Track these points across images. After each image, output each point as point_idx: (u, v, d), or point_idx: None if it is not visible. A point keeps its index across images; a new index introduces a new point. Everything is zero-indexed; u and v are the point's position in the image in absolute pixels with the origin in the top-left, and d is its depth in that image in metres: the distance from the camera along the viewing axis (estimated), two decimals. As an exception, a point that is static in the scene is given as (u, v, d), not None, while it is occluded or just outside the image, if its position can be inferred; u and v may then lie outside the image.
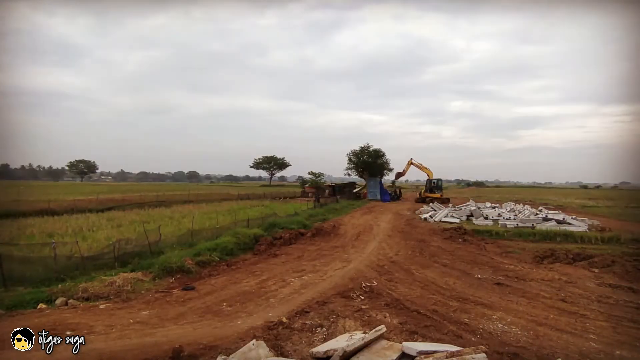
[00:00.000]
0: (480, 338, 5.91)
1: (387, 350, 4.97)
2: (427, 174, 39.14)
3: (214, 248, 11.70)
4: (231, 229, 14.41)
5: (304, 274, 9.79)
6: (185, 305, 7.42)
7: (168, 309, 7.16)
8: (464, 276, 9.96)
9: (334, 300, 7.64)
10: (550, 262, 11.85)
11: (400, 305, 7.44)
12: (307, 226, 17.56)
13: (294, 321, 6.44)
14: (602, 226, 18.11)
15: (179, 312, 6.96)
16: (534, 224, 18.02)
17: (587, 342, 5.82)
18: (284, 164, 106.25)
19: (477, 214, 22.35)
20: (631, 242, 14.36)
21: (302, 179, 59.54)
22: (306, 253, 12.66)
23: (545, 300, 7.96)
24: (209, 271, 10.14)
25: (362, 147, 47.47)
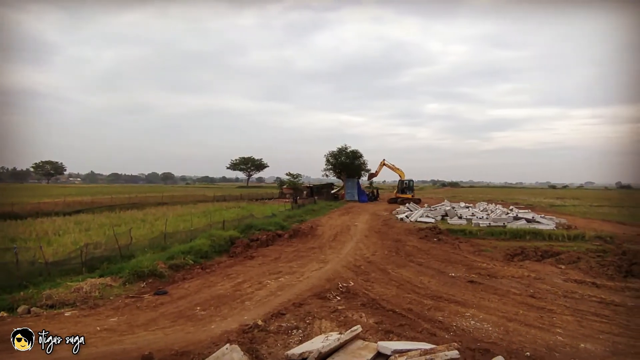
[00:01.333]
0: (454, 335, 6.02)
1: (362, 350, 4.97)
2: (399, 175, 39.67)
3: (188, 251, 11.41)
4: (206, 231, 14.12)
5: (281, 276, 9.70)
6: (156, 311, 7.19)
7: (138, 315, 6.92)
8: (439, 275, 10.14)
9: (311, 302, 7.60)
10: (520, 259, 12.25)
11: (376, 305, 7.48)
12: (285, 227, 17.44)
13: (269, 324, 6.36)
14: (568, 224, 18.86)
15: (150, 318, 6.74)
16: (505, 223, 18.56)
17: (554, 336, 6.04)
18: (262, 165, 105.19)
19: (452, 213, 22.84)
20: (595, 239, 15.04)
21: (280, 180, 59.18)
22: (283, 254, 12.56)
23: (515, 297, 8.21)
24: (182, 275, 9.88)
25: (340, 148, 47.69)
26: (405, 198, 36.14)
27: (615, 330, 6.34)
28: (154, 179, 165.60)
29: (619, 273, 10.35)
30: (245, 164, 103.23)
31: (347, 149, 47.37)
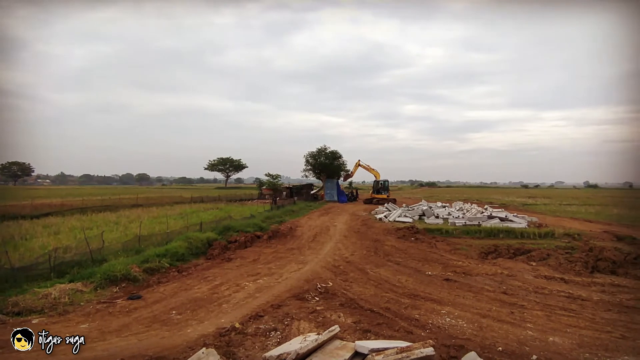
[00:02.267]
0: (430, 332, 6.13)
1: (340, 350, 4.99)
2: (374, 175, 40.01)
3: (164, 254, 11.13)
4: (183, 233, 13.83)
5: (259, 278, 9.62)
6: (130, 316, 6.99)
7: (111, 321, 6.70)
8: (416, 273, 10.30)
9: (289, 303, 7.57)
10: (494, 257, 12.61)
11: (354, 305, 7.53)
12: (264, 229, 17.29)
13: (247, 326, 6.29)
14: (539, 223, 19.55)
15: (123, 324, 6.54)
16: (480, 222, 19.05)
17: (525, 331, 6.25)
18: (240, 166, 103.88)
19: (429, 213, 23.27)
20: (564, 236, 15.64)
21: (259, 180, 58.56)
22: (262, 256, 12.45)
23: (488, 294, 8.45)
24: (157, 278, 9.64)
25: (319, 149, 47.70)
26: (381, 198, 36.51)
27: (581, 324, 6.63)
28: (128, 180, 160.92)
29: (586, 269, 10.82)
30: (223, 164, 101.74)
31: (327, 149, 47.47)
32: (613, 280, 9.87)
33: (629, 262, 11.22)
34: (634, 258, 11.50)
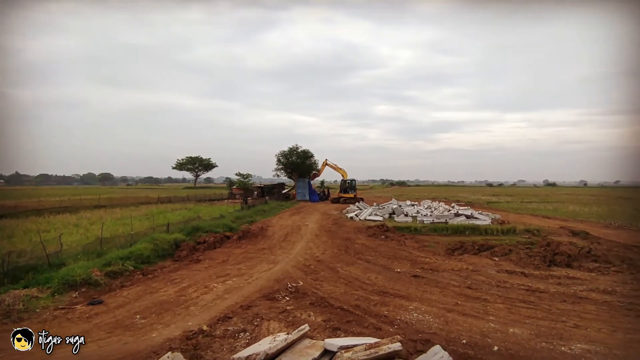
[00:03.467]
0: (398, 328, 6.25)
1: (309, 349, 4.98)
2: (341, 175, 40.16)
3: (128, 256, 10.71)
4: (149, 234, 13.35)
5: (229, 279, 9.45)
6: (90, 322, 6.68)
7: (69, 328, 6.37)
8: (385, 271, 10.48)
9: (259, 304, 7.49)
10: (459, 253, 13.04)
11: (325, 303, 7.55)
12: (234, 229, 17.02)
13: (215, 328, 6.16)
14: (502, 220, 20.41)
15: (83, 330, 6.21)
16: (447, 220, 19.65)
17: (487, 323, 6.51)
18: (210, 165, 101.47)
19: (399, 211, 23.75)
20: (524, 232, 16.41)
21: (229, 180, 57.57)
22: (232, 257, 12.24)
23: (454, 289, 8.72)
24: (120, 282, 9.26)
25: (290, 148, 47.50)
26: (348, 197, 36.73)
27: (539, 315, 6.98)
28: (90, 180, 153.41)
29: (544, 263, 11.40)
30: (192, 163, 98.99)
31: (298, 148, 47.37)
32: (568, 272, 10.45)
33: (582, 256, 11.94)
34: (587, 252, 12.26)
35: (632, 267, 10.86)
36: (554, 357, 5.22)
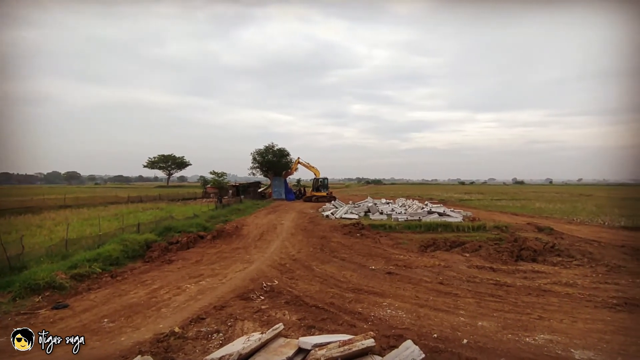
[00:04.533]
0: (372, 325, 6.33)
1: (284, 347, 4.97)
2: (314, 173, 40.19)
3: (95, 258, 10.31)
4: (118, 235, 12.91)
5: (202, 279, 9.28)
6: (54, 327, 6.37)
7: (31, 334, 6.05)
8: (360, 268, 10.59)
9: (233, 304, 7.40)
10: (432, 250, 13.36)
11: (300, 302, 7.55)
12: (208, 228, 16.73)
13: (188, 330, 6.04)
14: (473, 216, 21.09)
15: (46, 336, 5.93)
16: (421, 217, 20.08)
17: (458, 317, 6.70)
18: (183, 163, 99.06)
19: (374, 209, 24.06)
20: (494, 229, 17.01)
21: (203, 178, 56.45)
22: (205, 257, 12.02)
23: (427, 285, 8.93)
24: (87, 285, 8.90)
25: (266, 147, 47.09)
26: (320, 196, 36.79)
27: (506, 308, 7.25)
28: (55, 179, 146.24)
29: (511, 258, 11.86)
30: (164, 162, 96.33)
31: (274, 147, 47.04)
32: (533, 267, 10.92)
33: (546, 250, 12.51)
34: (551, 246, 12.86)
35: (592, 260, 11.47)
36: (519, 348, 5.44)
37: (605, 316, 6.86)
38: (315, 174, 39.82)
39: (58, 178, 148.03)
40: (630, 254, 12.24)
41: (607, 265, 10.85)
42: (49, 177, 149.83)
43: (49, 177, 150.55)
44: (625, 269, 10.54)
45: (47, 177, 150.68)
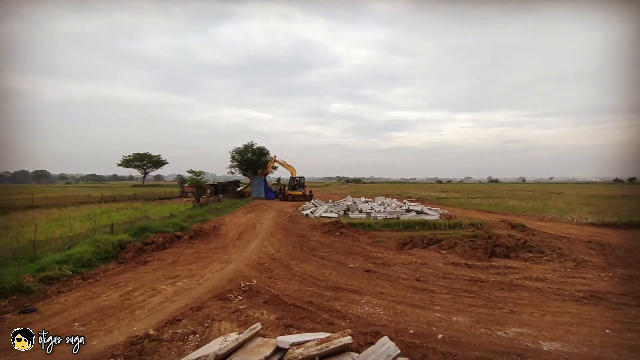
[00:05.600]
0: (350, 322, 6.38)
1: (261, 347, 4.95)
2: (290, 172, 39.89)
3: (66, 260, 9.94)
4: (90, 236, 12.48)
5: (178, 280, 9.11)
6: (21, 332, 6.10)
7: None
8: (339, 267, 10.65)
9: (210, 304, 7.30)
10: (410, 247, 13.58)
11: (278, 301, 7.53)
12: (185, 228, 16.41)
13: (163, 332, 5.92)
14: (449, 214, 21.53)
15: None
16: (399, 215, 20.37)
17: (433, 313, 6.85)
18: (160, 162, 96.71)
19: (353, 208, 24.22)
20: (469, 226, 17.44)
21: (181, 177, 55.38)
22: (182, 257, 11.80)
23: (404, 282, 9.07)
24: (57, 288, 8.57)
25: (245, 145, 46.64)
26: (296, 195, 36.58)
27: (479, 303, 7.46)
28: (22, 178, 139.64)
29: (485, 254, 12.20)
30: (140, 160, 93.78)
31: (254, 145, 46.66)
32: (506, 263, 11.27)
33: (519, 247, 12.94)
34: (523, 243, 13.29)
35: (561, 255, 11.95)
36: (491, 342, 5.61)
37: (572, 309, 7.16)
38: (292, 173, 39.48)
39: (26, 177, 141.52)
40: (596, 249, 12.82)
41: (574, 260, 11.33)
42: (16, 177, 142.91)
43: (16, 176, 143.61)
44: (591, 263, 11.04)
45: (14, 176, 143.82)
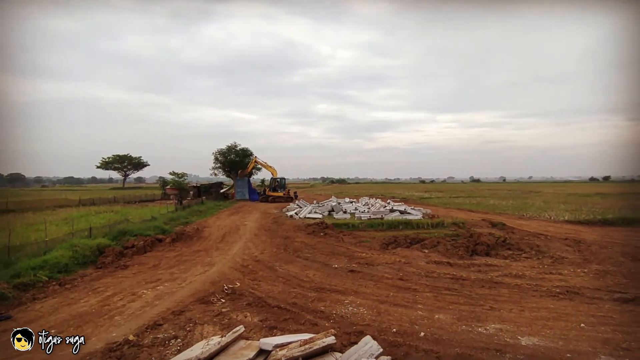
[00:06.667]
0: (333, 322, 6.40)
1: (244, 350, 4.91)
2: (271, 172, 39.59)
3: (42, 266, 9.63)
4: (67, 241, 12.12)
5: (160, 284, 8.94)
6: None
7: (-35, 350, 5.56)
8: (323, 267, 10.66)
9: (192, 308, 7.19)
10: (393, 247, 13.70)
11: (262, 303, 7.48)
12: (167, 231, 16.12)
13: (143, 337, 5.81)
14: (432, 214, 21.84)
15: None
16: (383, 215, 20.54)
17: (416, 311, 6.93)
18: (141, 164, 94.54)
19: (337, 208, 24.29)
20: (451, 225, 17.73)
21: (163, 179, 54.41)
22: (164, 260, 11.60)
23: (387, 281, 9.15)
24: (32, 294, 8.30)
25: (229, 146, 46.25)
26: (277, 196, 36.28)
27: (461, 301, 7.60)
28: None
29: (467, 252, 12.43)
30: (120, 162, 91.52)
31: (237, 146, 46.31)
32: (487, 260, 11.51)
33: (499, 245, 13.25)
34: (503, 241, 13.62)
35: (539, 253, 12.28)
36: (472, 338, 5.72)
37: (549, 304, 7.37)
38: (273, 174, 39.14)
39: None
40: (572, 246, 13.23)
41: (552, 257, 11.66)
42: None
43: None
44: (567, 259, 11.38)
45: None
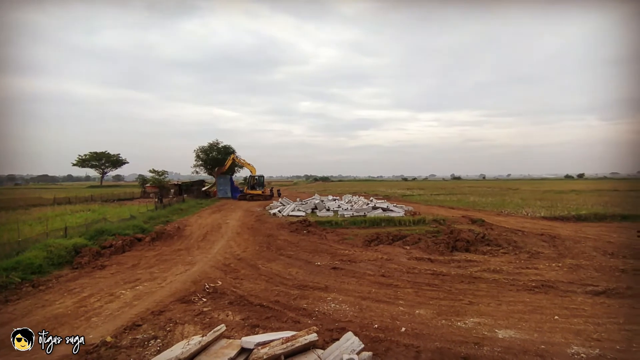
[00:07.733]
0: (316, 320, 6.41)
1: (226, 349, 4.86)
2: (249, 170, 39.33)
3: (14, 267, 9.27)
4: (41, 241, 11.71)
5: (139, 284, 8.76)
6: (-39, 346, 5.64)
7: None
8: (306, 265, 10.66)
9: (173, 308, 7.08)
10: (376, 244, 13.82)
11: (244, 302, 7.43)
12: (146, 230, 15.78)
13: (121, 338, 5.67)
14: (414, 211, 22.14)
15: (-51, 357, 5.25)
16: (366, 213, 20.67)
17: (397, 307, 7.02)
18: (119, 161, 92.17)
19: (321, 206, 24.31)
20: (432, 222, 18.01)
21: (142, 177, 53.16)
22: (143, 260, 11.36)
23: (369, 278, 9.23)
24: (5, 296, 7.98)
25: (211, 144, 45.52)
26: (255, 194, 36.00)
27: (441, 296, 7.74)
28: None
29: (447, 249, 12.65)
30: (97, 160, 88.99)
31: (219, 144, 45.65)
32: (467, 256, 11.75)
33: (478, 241, 13.53)
34: (482, 237, 13.92)
35: (516, 248, 12.62)
36: (451, 332, 5.83)
37: (525, 298, 7.59)
38: (251, 172, 38.76)
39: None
40: (547, 241, 13.64)
41: (528, 252, 12.00)
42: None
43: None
44: (543, 254, 11.74)
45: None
